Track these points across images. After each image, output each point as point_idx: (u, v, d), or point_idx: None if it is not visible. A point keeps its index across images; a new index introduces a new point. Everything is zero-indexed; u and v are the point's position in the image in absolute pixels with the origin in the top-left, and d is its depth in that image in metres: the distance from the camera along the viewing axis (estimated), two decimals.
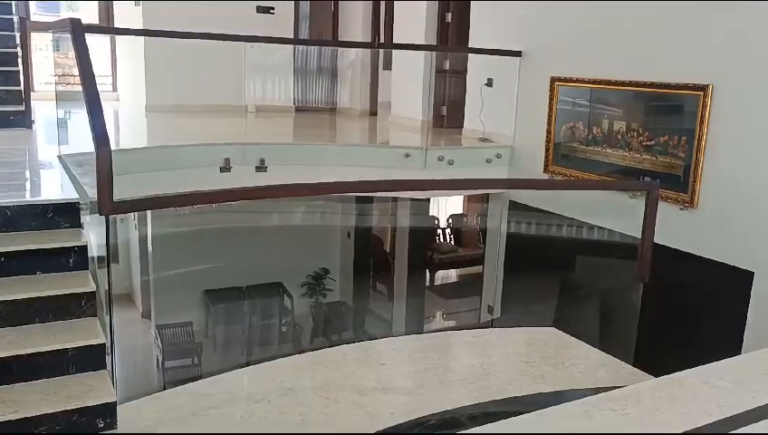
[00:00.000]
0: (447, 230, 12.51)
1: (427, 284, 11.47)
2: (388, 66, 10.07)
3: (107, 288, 3.50)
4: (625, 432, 2.46)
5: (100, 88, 10.69)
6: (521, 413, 2.72)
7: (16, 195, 4.09)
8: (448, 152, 7.01)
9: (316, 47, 10.93)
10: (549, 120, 6.69)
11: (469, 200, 12.26)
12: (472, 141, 7.64)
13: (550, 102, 6.66)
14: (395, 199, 9.19)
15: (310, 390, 3.48)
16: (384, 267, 10.75)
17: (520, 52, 7.06)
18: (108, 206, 2.99)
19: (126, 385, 9.79)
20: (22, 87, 7.03)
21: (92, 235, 3.70)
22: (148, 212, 10.63)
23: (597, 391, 3.16)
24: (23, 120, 6.77)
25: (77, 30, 3.59)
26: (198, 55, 8.93)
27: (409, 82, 8.76)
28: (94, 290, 3.44)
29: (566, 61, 6.57)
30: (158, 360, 9.60)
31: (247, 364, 6.76)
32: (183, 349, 9.39)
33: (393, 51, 9.51)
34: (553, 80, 6.62)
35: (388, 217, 10.13)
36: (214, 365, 9.31)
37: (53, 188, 4.62)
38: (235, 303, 10.41)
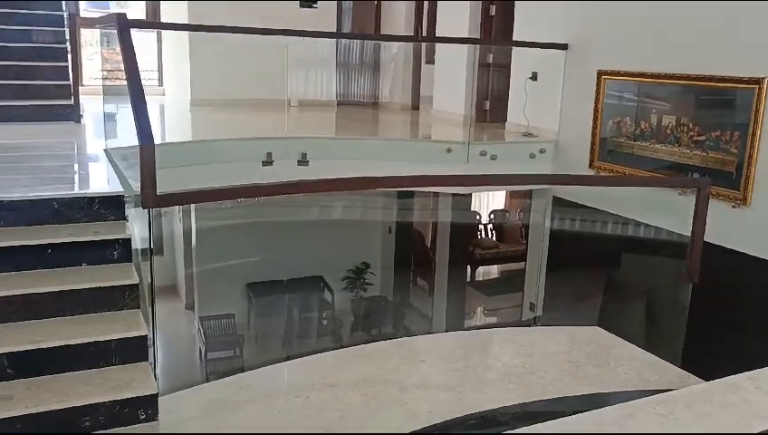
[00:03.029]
0: (489, 226, 12.39)
1: (468, 279, 11.38)
2: (430, 60, 9.99)
3: (149, 281, 3.53)
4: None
5: (146, 83, 10.90)
6: (563, 414, 2.65)
7: (64, 187, 4.16)
8: (491, 147, 6.92)
9: (358, 42, 10.91)
10: (595, 114, 6.54)
11: (511, 196, 12.12)
12: (515, 136, 7.53)
13: (596, 97, 6.50)
14: (436, 194, 9.12)
15: (349, 385, 3.46)
16: (425, 262, 10.69)
17: (566, 45, 6.92)
18: (151, 199, 3.02)
19: (169, 376, 9.92)
20: (71, 82, 7.16)
21: (136, 227, 3.73)
22: (192, 205, 10.77)
23: (643, 393, 3.07)
24: (71, 114, 6.91)
25: (122, 25, 3.63)
26: (242, 51, 9.01)
27: (452, 75, 8.68)
28: (137, 282, 3.47)
29: (613, 54, 6.41)
30: (200, 351, 9.72)
31: (287, 357, 6.79)
32: (225, 341, 9.49)
33: (436, 45, 9.43)
34: (600, 73, 6.47)
35: (429, 211, 10.07)
36: (255, 357, 9.40)
37: (99, 181, 4.68)
38: (277, 296, 10.48)
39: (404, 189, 8.45)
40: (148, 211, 3.11)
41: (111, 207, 3.84)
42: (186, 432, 3.01)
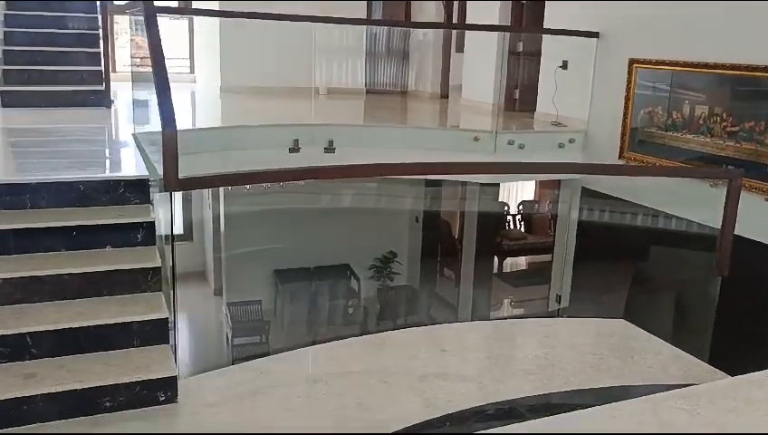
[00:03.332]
0: (518, 217, 12.29)
1: (496, 270, 11.31)
2: (461, 49, 9.90)
3: (171, 264, 3.56)
4: (693, 432, 2.33)
5: (177, 70, 10.95)
6: (584, 407, 2.61)
7: (91, 171, 4.21)
8: (519, 136, 6.84)
9: (387, 30, 10.85)
10: (626, 104, 6.42)
11: (541, 186, 11.99)
12: (544, 126, 7.44)
13: (627, 86, 6.39)
14: (464, 183, 9.06)
15: (369, 373, 3.45)
16: (452, 252, 10.66)
17: (597, 33, 6.80)
18: (173, 182, 3.03)
19: (197, 360, 10.07)
20: (102, 68, 7.24)
21: (161, 211, 3.76)
22: (221, 191, 10.87)
23: (667, 387, 3.02)
24: (102, 99, 6.99)
25: (149, 12, 3.64)
26: (271, 38, 9.02)
27: (481, 64, 8.60)
28: (160, 265, 3.50)
29: (646, 42, 6.28)
30: (227, 336, 9.81)
31: (313, 344, 6.83)
32: (251, 327, 9.57)
33: (466, 33, 9.34)
34: (632, 62, 6.35)
35: (456, 201, 10.02)
36: (281, 344, 9.46)
37: (126, 165, 4.73)
38: (304, 283, 10.54)
39: (430, 178, 8.41)
40: (170, 194, 3.12)
41: (137, 190, 3.87)
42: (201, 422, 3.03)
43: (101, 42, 7.41)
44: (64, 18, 7.60)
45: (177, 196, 12.60)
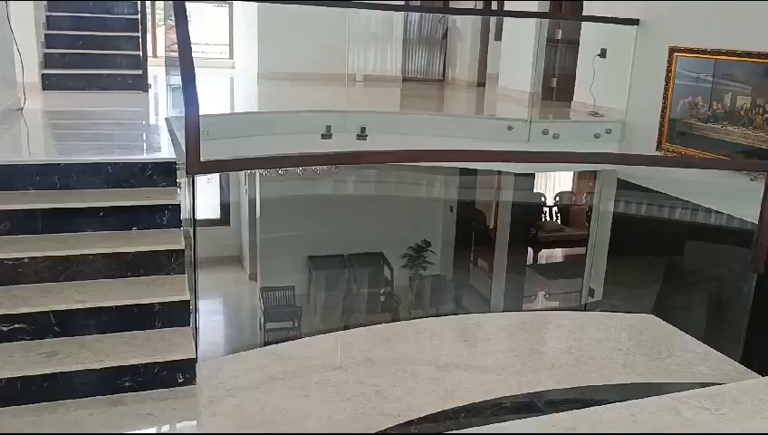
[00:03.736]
0: (554, 208, 12.11)
1: (530, 262, 11.18)
2: (499, 37, 9.76)
3: (192, 247, 3.57)
4: (714, 433, 2.25)
5: (216, 55, 11.01)
6: (604, 403, 2.55)
7: (120, 153, 4.25)
8: (554, 126, 6.72)
9: (425, 17, 10.75)
10: (665, 93, 6.24)
11: (579, 178, 11.80)
12: (581, 115, 7.29)
13: (667, 75, 6.20)
14: (499, 173, 8.96)
15: (389, 361, 3.43)
16: (486, 243, 10.56)
17: (637, 20, 6.61)
18: (195, 165, 3.03)
19: (230, 344, 10.21)
20: (140, 52, 7.32)
21: (187, 194, 3.78)
22: (257, 176, 10.96)
23: (692, 386, 2.93)
24: (139, 83, 7.07)
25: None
26: (308, 25, 9.03)
27: (518, 52, 8.45)
28: (183, 248, 3.52)
29: (687, 30, 6.09)
30: (260, 321, 9.90)
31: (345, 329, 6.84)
32: (284, 312, 9.63)
33: (504, 20, 9.19)
34: (672, 50, 6.16)
35: (491, 191, 9.91)
36: (312, 330, 9.51)
37: (156, 148, 4.77)
38: (337, 270, 10.57)
39: (464, 166, 8.31)
40: (192, 177, 3.13)
41: (164, 173, 3.89)
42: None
43: (140, 26, 7.49)
44: (106, 3, 7.71)
45: (214, 180, 12.74)
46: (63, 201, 3.58)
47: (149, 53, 11.74)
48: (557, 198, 12.20)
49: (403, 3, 10.46)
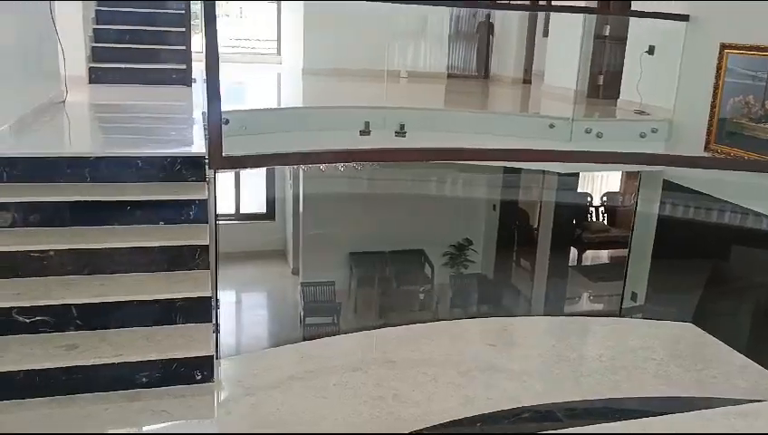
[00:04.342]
0: (601, 208, 11.81)
1: (575, 263, 10.94)
2: (547, 33, 9.55)
3: (214, 242, 3.56)
4: None
5: (264, 51, 11.13)
6: (628, 417, 2.43)
7: (153, 147, 4.27)
8: (598, 124, 6.52)
9: (472, 13, 10.59)
10: (714, 92, 5.99)
11: (627, 178, 11.47)
12: (627, 114, 7.06)
13: (717, 72, 5.95)
14: (543, 173, 8.78)
15: (411, 363, 3.36)
16: (529, 243, 10.37)
17: (687, 15, 6.36)
18: (217, 160, 3.01)
19: (273, 338, 10.27)
20: (186, 47, 7.39)
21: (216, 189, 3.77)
22: (301, 172, 11.00)
23: (728, 402, 2.78)
24: (183, 78, 7.13)
25: None
26: (352, 21, 8.98)
27: (564, 48, 8.25)
28: (207, 244, 3.50)
29: (740, 26, 5.83)
30: (300, 316, 9.92)
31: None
32: (323, 307, 9.64)
33: (551, 16, 8.98)
34: (723, 47, 5.90)
35: (535, 190, 9.72)
36: (351, 326, 9.49)
37: (188, 142, 4.78)
38: (377, 267, 10.52)
39: (505, 164, 8.16)
40: (213, 172, 3.11)
41: (192, 168, 3.88)
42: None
43: (186, 22, 7.56)
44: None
45: (260, 175, 12.83)
46: (91, 194, 3.60)
47: (199, 47, 11.93)
48: (604, 199, 11.89)
49: None
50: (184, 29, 7.49)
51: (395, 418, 2.86)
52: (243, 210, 13.18)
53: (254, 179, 13.24)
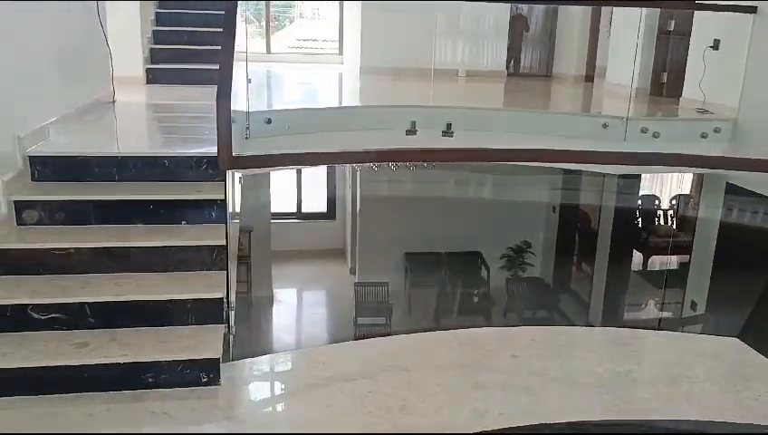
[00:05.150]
0: (670, 212, 11.28)
1: (640, 268, 10.48)
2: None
3: (236, 242, 3.52)
4: None
5: (327, 51, 11.28)
6: None
7: (184, 146, 4.31)
8: (655, 124, 6.18)
9: (533, 11, 10.31)
10: None
11: (698, 180, 10.90)
12: (690, 112, 6.68)
13: None
14: (603, 174, 8.43)
15: (425, 372, 3.23)
16: (591, 247, 9.99)
17: (755, 8, 5.96)
18: (227, 160, 2.97)
19: (330, 336, 10.29)
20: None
21: (233, 189, 3.75)
22: (358, 173, 10.99)
23: (762, 429, 2.54)
24: None
25: None
26: (407, 19, 8.89)
27: (626, 44, 7.88)
28: (225, 244, 3.47)
29: None
30: (355, 315, 9.90)
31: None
32: (375, 308, 9.58)
33: (613, 11, 8.62)
34: None
35: (595, 192, 9.36)
36: (403, 328, 9.39)
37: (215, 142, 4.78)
38: (433, 268, 10.40)
39: (563, 166, 7.87)
40: (224, 173, 3.07)
41: (217, 167, 3.86)
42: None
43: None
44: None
45: (320, 175, 12.88)
46: (116, 193, 3.64)
47: (264, 49, 12.13)
48: (673, 202, 11.36)
49: None
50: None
51: (400, 429, 2.75)
52: (305, 209, 13.30)
53: (317, 178, 13.35)
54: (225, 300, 3.27)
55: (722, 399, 3.02)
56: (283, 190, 12.86)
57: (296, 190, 13.12)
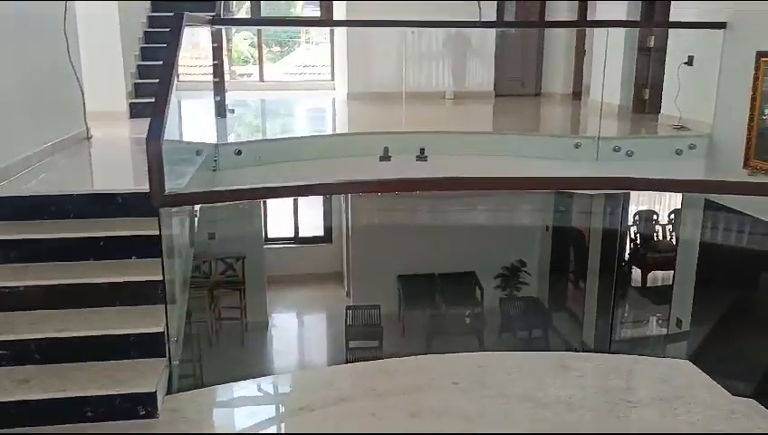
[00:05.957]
0: (668, 227, 11.17)
1: (638, 285, 10.37)
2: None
3: (179, 276, 3.56)
4: None
5: (318, 77, 11.36)
6: None
7: (136, 181, 4.39)
8: (629, 142, 6.18)
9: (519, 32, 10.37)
10: (752, 104, 5.56)
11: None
12: (668, 130, 6.67)
13: (754, 83, 5.53)
14: (591, 195, 8.40)
15: (366, 402, 3.23)
16: (585, 264, 9.93)
17: (724, 23, 5.96)
18: (158, 199, 3.02)
19: (325, 360, 10.28)
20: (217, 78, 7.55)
21: (177, 224, 3.79)
22: (350, 199, 11.03)
23: None
24: (218, 108, 7.29)
25: (175, 23, 3.69)
26: (394, 45, 8.96)
27: (608, 62, 7.90)
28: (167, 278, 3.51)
29: None
30: (346, 339, 9.88)
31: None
32: (366, 331, 9.55)
33: (595, 31, 8.64)
34: (760, 55, 5.48)
35: (585, 212, 9.32)
36: (394, 351, 9.35)
37: (181, 174, 4.84)
38: (426, 289, 10.35)
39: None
40: (158, 211, 3.11)
41: None
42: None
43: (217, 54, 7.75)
44: None
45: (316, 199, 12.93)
46: (69, 231, 3.72)
47: (257, 78, 12.30)
48: (671, 216, 11.26)
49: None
50: (217, 62, 7.67)
51: None
52: (302, 233, 13.35)
53: (311, 203, 13.42)
54: (165, 333, 3.31)
55: (658, 423, 2.99)
56: (280, 214, 12.98)
57: (293, 216, 13.20)
